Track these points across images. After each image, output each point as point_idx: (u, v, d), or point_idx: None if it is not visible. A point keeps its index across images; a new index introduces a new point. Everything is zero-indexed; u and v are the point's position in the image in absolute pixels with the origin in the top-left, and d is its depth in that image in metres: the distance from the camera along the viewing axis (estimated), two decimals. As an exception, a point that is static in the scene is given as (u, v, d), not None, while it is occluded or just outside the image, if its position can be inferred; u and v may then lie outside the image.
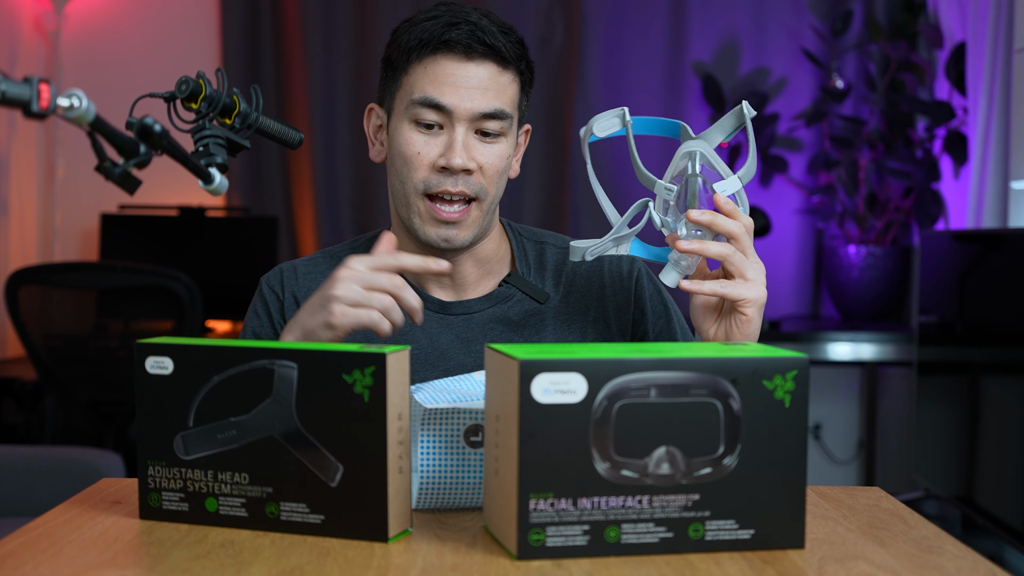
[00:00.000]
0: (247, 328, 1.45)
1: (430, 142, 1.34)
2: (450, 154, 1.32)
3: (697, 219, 1.20)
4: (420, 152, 1.34)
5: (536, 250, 1.48)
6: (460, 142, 1.32)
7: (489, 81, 1.33)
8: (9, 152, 3.66)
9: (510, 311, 1.43)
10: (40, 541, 1.01)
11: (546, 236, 1.51)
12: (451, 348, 1.40)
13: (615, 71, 3.84)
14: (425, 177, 1.34)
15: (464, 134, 1.33)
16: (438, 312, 1.42)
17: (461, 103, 1.32)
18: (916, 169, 3.48)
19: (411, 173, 1.35)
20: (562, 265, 1.47)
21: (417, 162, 1.34)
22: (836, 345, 3.41)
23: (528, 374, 0.94)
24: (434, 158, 1.34)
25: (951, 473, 2.90)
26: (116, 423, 3.00)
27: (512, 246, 1.48)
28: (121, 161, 0.98)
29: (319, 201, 3.81)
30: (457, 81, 1.32)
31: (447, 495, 1.12)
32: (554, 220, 3.80)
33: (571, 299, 1.45)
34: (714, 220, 1.20)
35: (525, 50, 1.39)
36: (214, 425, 1.05)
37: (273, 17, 3.82)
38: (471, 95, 1.32)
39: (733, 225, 1.20)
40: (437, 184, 1.33)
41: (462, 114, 1.32)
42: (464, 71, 1.32)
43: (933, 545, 1.03)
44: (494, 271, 1.46)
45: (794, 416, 1.00)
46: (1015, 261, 2.54)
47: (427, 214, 1.35)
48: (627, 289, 1.46)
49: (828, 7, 3.76)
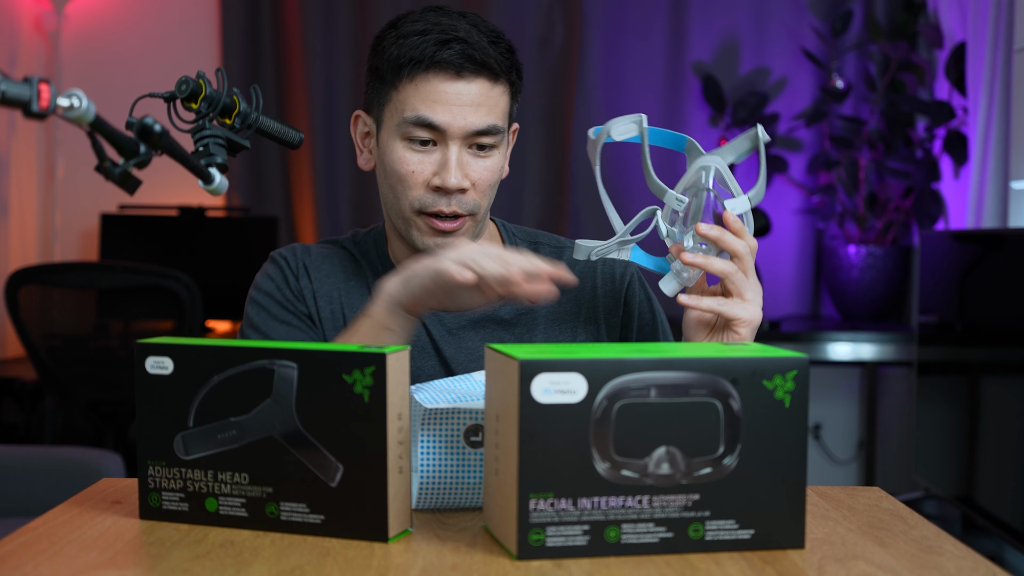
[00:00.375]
0: (259, 293, 1.43)
1: (423, 160, 1.33)
2: (445, 174, 1.31)
3: (706, 233, 1.20)
4: (414, 171, 1.33)
5: (530, 250, 1.48)
6: (455, 161, 1.31)
7: (481, 97, 1.32)
8: (9, 152, 3.66)
9: (501, 310, 1.43)
10: (40, 541, 1.01)
11: (540, 236, 1.51)
12: (442, 341, 1.41)
13: (615, 71, 3.84)
14: (420, 195, 1.33)
15: (458, 151, 1.32)
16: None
17: (454, 121, 1.31)
18: (916, 169, 3.48)
19: (405, 191, 1.34)
20: (556, 265, 1.47)
21: (411, 180, 1.33)
22: (836, 345, 3.41)
23: (528, 374, 0.94)
24: (428, 176, 1.33)
25: (951, 473, 2.90)
26: (116, 423, 3.00)
27: (505, 246, 1.48)
28: (121, 161, 0.98)
29: (319, 201, 3.81)
30: (449, 99, 1.30)
31: (447, 495, 1.12)
32: (554, 220, 3.79)
33: (563, 299, 1.45)
34: (722, 236, 1.21)
35: (514, 55, 1.37)
36: (214, 425, 1.05)
37: (273, 17, 3.82)
38: (464, 112, 1.31)
39: (739, 244, 1.21)
40: (432, 203, 1.33)
41: (455, 132, 1.31)
42: (455, 89, 1.31)
43: (933, 545, 1.03)
44: None
45: (794, 416, 1.00)
46: (1015, 261, 2.54)
47: (425, 227, 1.35)
48: (618, 292, 1.47)
49: (828, 7, 3.76)
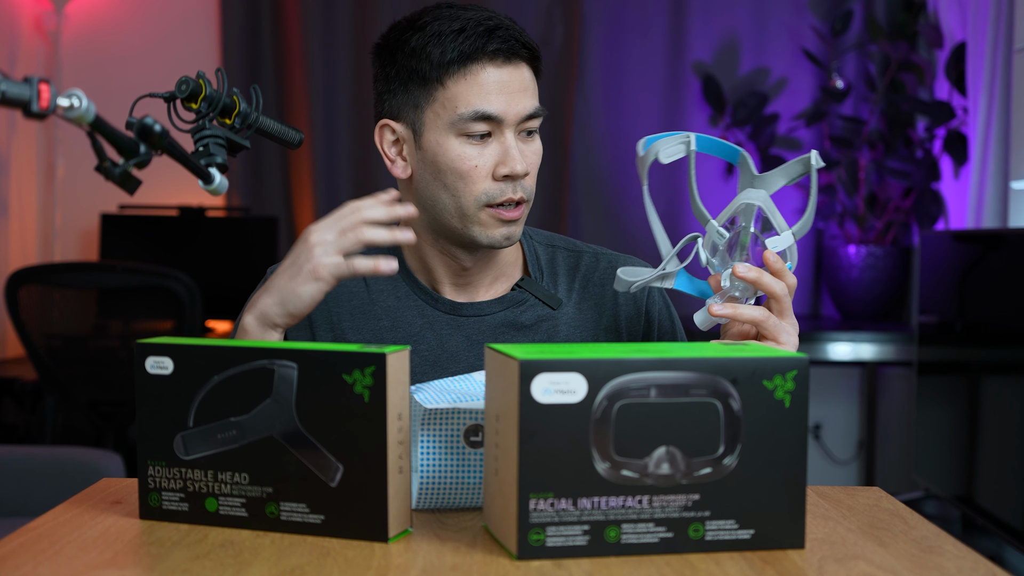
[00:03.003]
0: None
1: (484, 153, 1.32)
2: (512, 163, 1.31)
3: (743, 275, 1.19)
4: (477, 165, 1.32)
5: (548, 254, 1.47)
6: (517, 148, 1.32)
7: (528, 81, 1.33)
8: (9, 152, 3.66)
9: (522, 316, 1.42)
10: (40, 541, 1.01)
11: (557, 240, 1.50)
12: (460, 350, 1.40)
13: (615, 71, 3.84)
14: (487, 188, 1.32)
15: (514, 139, 1.32)
16: (449, 313, 1.41)
17: (510, 109, 1.31)
18: (916, 169, 3.48)
19: (469, 187, 1.32)
20: (574, 270, 1.46)
21: (475, 175, 1.32)
22: (836, 345, 3.41)
23: (528, 374, 0.94)
24: (490, 168, 1.32)
25: (951, 473, 2.90)
26: (116, 423, 3.00)
27: (524, 249, 1.47)
28: (121, 161, 0.98)
29: (319, 201, 3.81)
30: (502, 88, 1.30)
31: (447, 495, 1.12)
32: (554, 220, 3.79)
33: (584, 306, 1.44)
34: (760, 279, 1.19)
35: None
36: (214, 425, 1.05)
37: (273, 17, 3.82)
38: (516, 99, 1.31)
39: (777, 286, 1.20)
40: (500, 194, 1.32)
41: (511, 120, 1.31)
42: (507, 76, 1.31)
43: (933, 545, 1.03)
44: (506, 273, 1.45)
45: (794, 416, 1.00)
46: (1015, 261, 2.54)
47: (491, 220, 1.33)
48: (639, 299, 1.46)
49: (828, 7, 3.76)
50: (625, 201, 3.82)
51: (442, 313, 1.41)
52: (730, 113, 3.73)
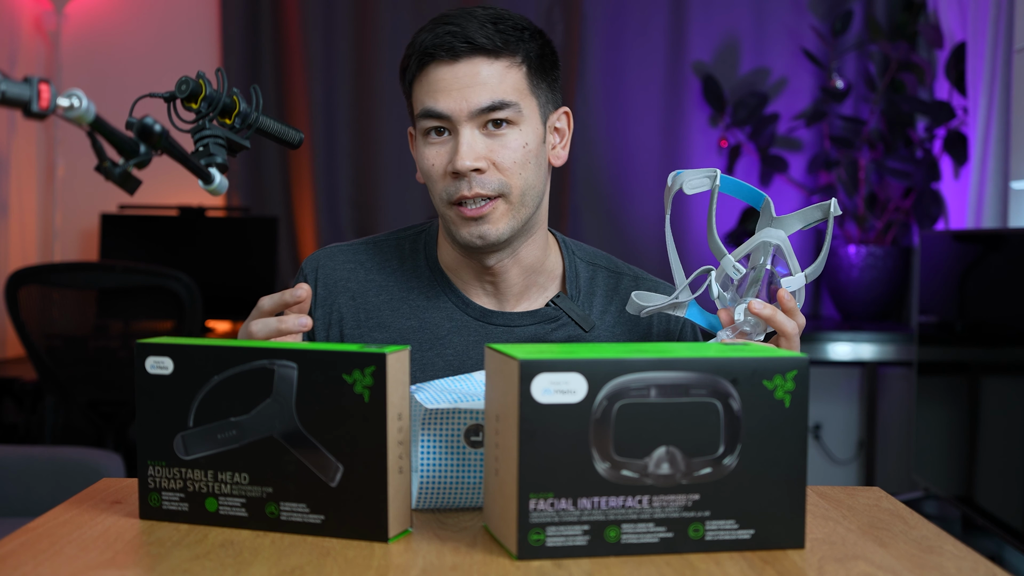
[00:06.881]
0: None
1: (440, 151, 1.34)
2: (456, 158, 1.31)
3: (759, 312, 1.20)
4: (435, 164, 1.34)
5: (589, 272, 1.46)
6: (465, 144, 1.31)
7: (481, 76, 1.32)
8: (9, 152, 3.66)
9: (552, 333, 1.42)
10: (40, 541, 1.01)
11: (599, 258, 1.48)
12: None
13: (615, 71, 3.84)
14: (445, 187, 1.34)
15: (470, 135, 1.32)
16: (478, 319, 1.41)
17: (456, 104, 1.31)
18: (916, 169, 3.48)
19: (433, 186, 1.35)
20: (613, 292, 1.45)
21: (435, 174, 1.34)
22: (836, 345, 3.41)
23: (528, 374, 0.94)
24: (445, 166, 1.33)
25: (951, 473, 2.90)
26: (116, 423, 3.00)
27: (565, 264, 1.46)
28: (121, 161, 0.98)
29: (319, 201, 3.81)
30: (448, 84, 1.32)
31: (447, 495, 1.12)
32: (554, 220, 3.80)
33: (618, 331, 1.43)
34: (774, 316, 1.21)
35: (526, 32, 1.36)
36: (214, 425, 1.05)
37: (273, 17, 3.82)
38: (463, 95, 1.31)
39: (789, 324, 1.22)
40: (455, 191, 1.33)
41: (460, 115, 1.31)
42: (452, 73, 1.31)
43: (933, 545, 1.03)
44: (541, 284, 1.44)
45: (794, 416, 1.00)
46: (1015, 261, 2.54)
47: (457, 218, 1.35)
48: (671, 330, 1.46)
49: (828, 7, 3.76)
50: (625, 201, 3.82)
51: (472, 319, 1.41)
52: (730, 113, 3.73)
